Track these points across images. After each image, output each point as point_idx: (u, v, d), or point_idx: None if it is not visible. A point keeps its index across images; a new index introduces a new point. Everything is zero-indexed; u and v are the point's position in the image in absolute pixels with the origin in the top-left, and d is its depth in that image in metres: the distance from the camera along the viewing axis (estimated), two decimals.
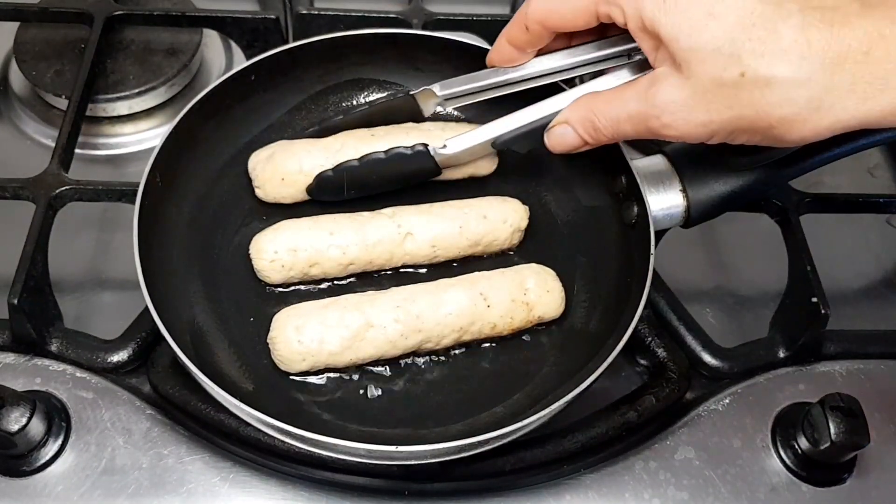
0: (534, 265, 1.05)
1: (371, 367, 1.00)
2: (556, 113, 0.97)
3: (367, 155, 1.06)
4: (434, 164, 1.07)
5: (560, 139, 0.96)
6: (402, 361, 1.01)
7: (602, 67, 0.99)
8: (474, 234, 1.07)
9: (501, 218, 1.07)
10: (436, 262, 1.08)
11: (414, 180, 1.10)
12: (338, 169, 1.06)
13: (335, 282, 1.06)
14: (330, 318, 0.97)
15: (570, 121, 0.94)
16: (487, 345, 1.03)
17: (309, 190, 1.08)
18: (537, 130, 0.99)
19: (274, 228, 1.04)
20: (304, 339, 0.95)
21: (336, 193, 1.09)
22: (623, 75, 0.96)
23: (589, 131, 0.92)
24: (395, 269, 1.08)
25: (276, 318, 0.99)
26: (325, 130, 1.13)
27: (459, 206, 1.08)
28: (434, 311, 0.99)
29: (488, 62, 1.03)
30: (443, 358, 1.01)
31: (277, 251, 1.02)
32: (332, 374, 0.99)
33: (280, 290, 1.05)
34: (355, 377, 1.00)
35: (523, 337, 1.04)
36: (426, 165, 1.07)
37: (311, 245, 1.02)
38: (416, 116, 1.13)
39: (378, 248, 1.04)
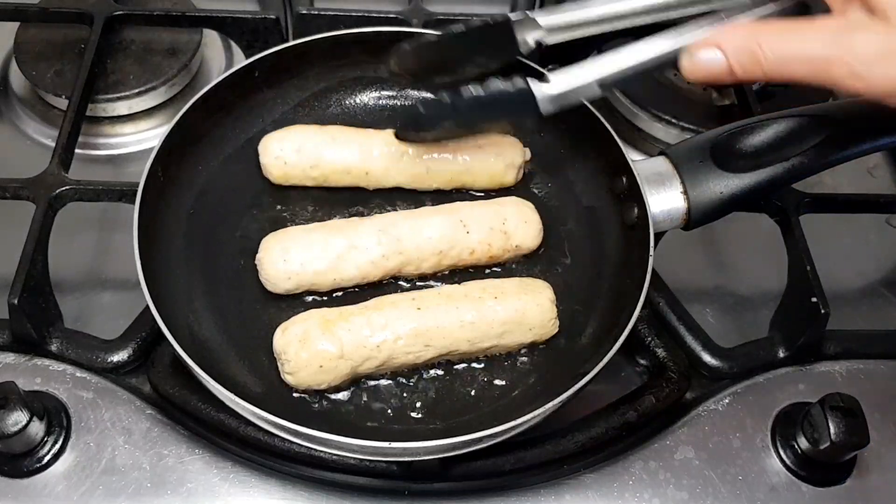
0: (513, 198, 1.07)
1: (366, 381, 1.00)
2: (683, 47, 0.86)
3: (458, 90, 0.94)
4: (535, 106, 0.94)
5: (705, 63, 0.84)
6: (399, 378, 1.01)
7: (732, 6, 0.91)
8: (466, 158, 1.10)
9: (496, 151, 1.10)
10: (428, 186, 1.11)
11: (508, 119, 1.02)
12: (427, 103, 0.98)
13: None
14: (315, 240, 1.00)
15: (724, 45, 0.83)
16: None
17: (398, 126, 1.05)
18: (653, 69, 0.90)
19: (284, 130, 1.11)
20: (290, 258, 0.98)
21: (418, 129, 1.02)
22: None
23: (744, 61, 0.82)
24: (387, 191, 1.11)
25: (263, 240, 1.02)
26: (402, 55, 1.03)
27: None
28: (415, 234, 1.02)
29: None
30: (440, 372, 1.01)
31: (283, 149, 1.09)
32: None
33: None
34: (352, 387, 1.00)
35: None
36: (525, 108, 0.94)
37: (315, 148, 1.09)
38: (510, 52, 1.01)
39: (376, 163, 1.09)
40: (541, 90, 0.93)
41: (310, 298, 1.04)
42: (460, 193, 1.14)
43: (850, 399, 0.92)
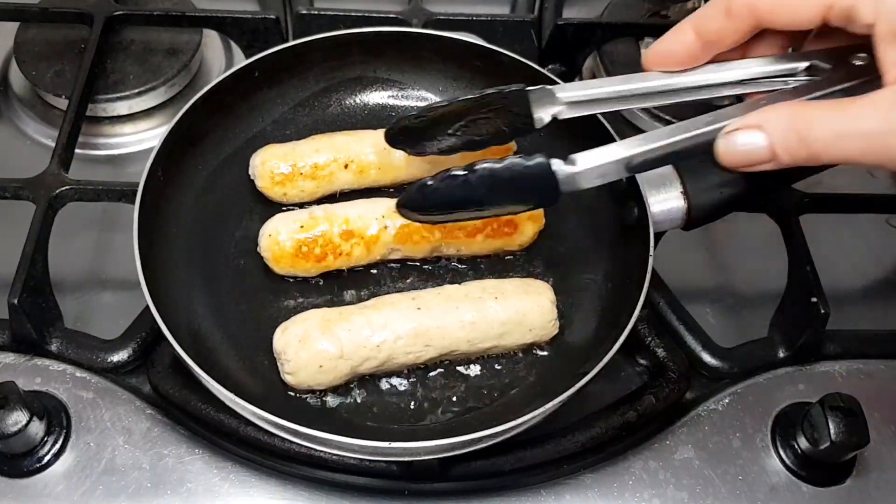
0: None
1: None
2: (720, 129, 0.80)
3: (471, 165, 0.87)
4: (555, 186, 0.87)
5: (743, 148, 0.77)
6: (398, 379, 1.01)
7: (750, 90, 0.87)
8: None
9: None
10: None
11: (520, 205, 0.92)
12: (439, 179, 0.89)
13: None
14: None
15: (766, 126, 0.76)
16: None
17: (399, 202, 0.94)
18: (684, 153, 0.85)
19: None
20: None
21: (424, 206, 0.92)
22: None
23: (790, 144, 0.75)
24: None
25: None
26: (405, 130, 0.99)
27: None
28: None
29: (647, 63, 0.88)
30: (441, 370, 1.01)
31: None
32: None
33: (280, 285, 1.05)
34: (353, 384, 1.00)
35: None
36: (544, 188, 0.87)
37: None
38: (524, 123, 0.95)
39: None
40: (562, 168, 0.86)
41: (310, 299, 1.05)
42: None
43: (850, 399, 0.92)
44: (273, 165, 1.09)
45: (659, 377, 1.04)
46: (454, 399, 0.99)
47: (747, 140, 0.77)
